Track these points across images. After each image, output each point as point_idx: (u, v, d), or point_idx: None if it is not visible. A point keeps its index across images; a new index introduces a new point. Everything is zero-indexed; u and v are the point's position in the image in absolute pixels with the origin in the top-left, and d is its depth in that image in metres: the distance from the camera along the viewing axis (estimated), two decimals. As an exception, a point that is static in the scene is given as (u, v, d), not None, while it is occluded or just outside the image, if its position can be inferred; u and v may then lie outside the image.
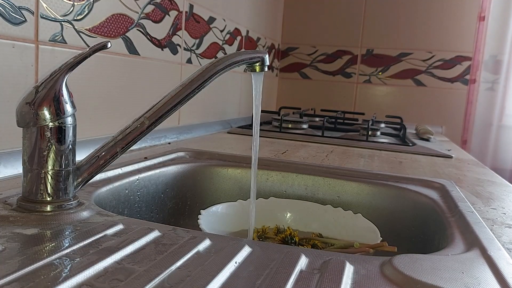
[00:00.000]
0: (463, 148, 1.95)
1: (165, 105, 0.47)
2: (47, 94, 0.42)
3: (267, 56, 0.52)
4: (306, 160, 0.91)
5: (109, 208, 0.61)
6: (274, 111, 1.73)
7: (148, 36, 0.97)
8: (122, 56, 0.89)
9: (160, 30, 1.01)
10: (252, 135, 0.55)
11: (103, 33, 0.82)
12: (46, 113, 0.43)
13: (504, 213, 0.61)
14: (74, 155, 0.46)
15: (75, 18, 0.74)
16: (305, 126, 1.49)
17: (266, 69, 0.52)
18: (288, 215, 0.68)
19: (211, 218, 0.62)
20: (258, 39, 1.80)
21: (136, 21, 0.91)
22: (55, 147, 0.43)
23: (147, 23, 0.96)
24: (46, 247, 0.36)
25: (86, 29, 0.77)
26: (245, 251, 0.38)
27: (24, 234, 0.38)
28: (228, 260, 0.36)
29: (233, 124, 1.50)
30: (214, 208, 0.64)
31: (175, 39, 1.09)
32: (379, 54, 2.10)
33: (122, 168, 0.68)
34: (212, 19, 1.30)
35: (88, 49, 0.44)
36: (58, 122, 0.43)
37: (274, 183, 0.80)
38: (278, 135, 1.32)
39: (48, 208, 0.44)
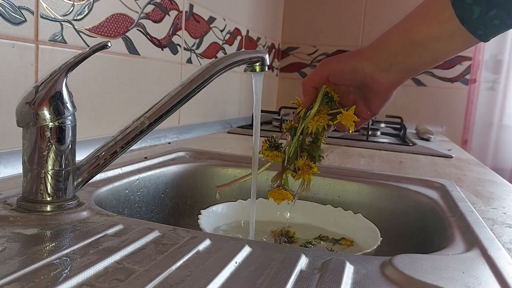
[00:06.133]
0: (464, 148, 1.95)
1: (165, 105, 0.47)
2: (47, 94, 0.42)
3: (267, 56, 0.52)
4: (306, 160, 0.90)
5: (109, 208, 0.60)
6: (274, 111, 1.73)
7: (148, 36, 0.97)
8: (122, 56, 0.89)
9: (160, 30, 1.01)
10: (252, 135, 0.55)
11: (103, 33, 0.82)
12: (46, 113, 0.42)
13: (505, 213, 0.61)
14: (74, 155, 0.46)
15: (75, 18, 0.74)
16: (305, 126, 1.49)
17: (266, 69, 0.52)
18: (288, 215, 0.68)
19: (211, 218, 0.62)
20: (258, 38, 1.80)
21: (136, 21, 0.91)
22: (55, 147, 0.43)
23: (147, 23, 0.95)
24: (46, 247, 0.36)
25: (86, 29, 0.77)
26: (245, 251, 0.38)
27: (24, 234, 0.38)
28: (228, 260, 0.36)
29: (233, 124, 1.50)
30: (214, 208, 0.64)
31: (175, 39, 1.09)
32: (379, 54, 2.10)
33: (122, 168, 0.68)
34: (212, 19, 1.30)
35: (88, 49, 0.44)
36: (58, 122, 0.43)
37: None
38: (278, 135, 1.31)
39: (48, 208, 0.44)
